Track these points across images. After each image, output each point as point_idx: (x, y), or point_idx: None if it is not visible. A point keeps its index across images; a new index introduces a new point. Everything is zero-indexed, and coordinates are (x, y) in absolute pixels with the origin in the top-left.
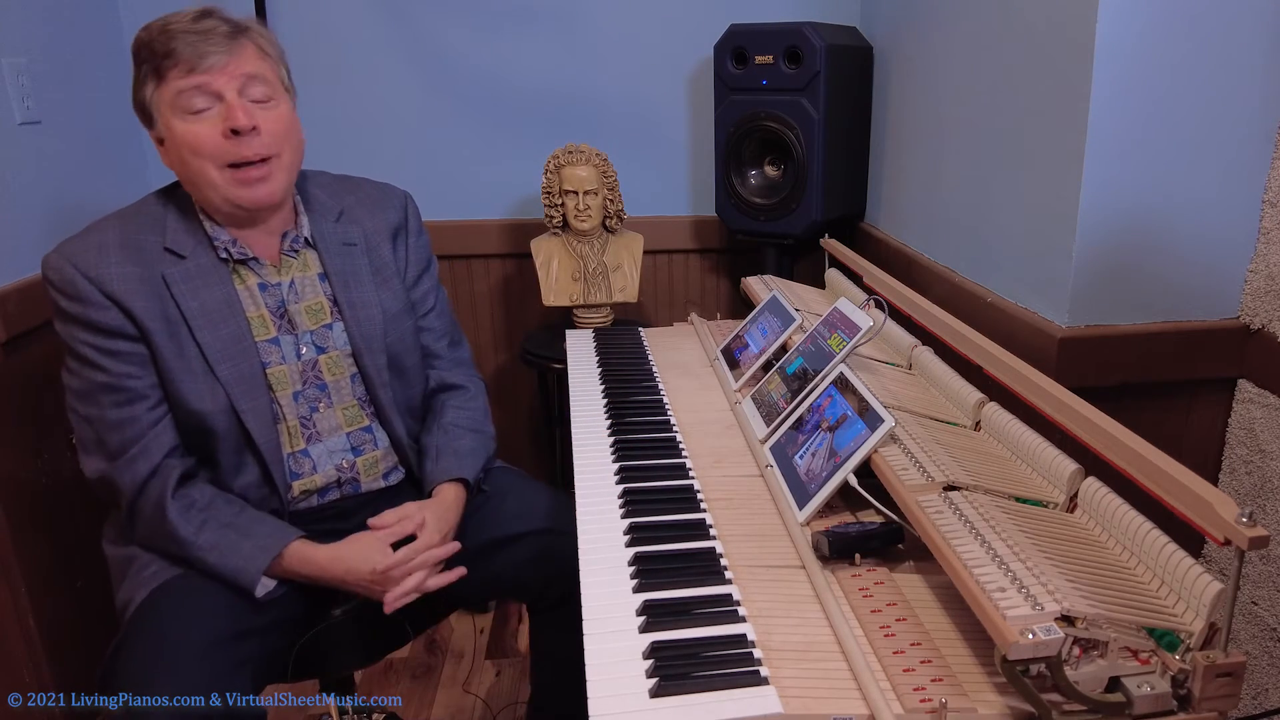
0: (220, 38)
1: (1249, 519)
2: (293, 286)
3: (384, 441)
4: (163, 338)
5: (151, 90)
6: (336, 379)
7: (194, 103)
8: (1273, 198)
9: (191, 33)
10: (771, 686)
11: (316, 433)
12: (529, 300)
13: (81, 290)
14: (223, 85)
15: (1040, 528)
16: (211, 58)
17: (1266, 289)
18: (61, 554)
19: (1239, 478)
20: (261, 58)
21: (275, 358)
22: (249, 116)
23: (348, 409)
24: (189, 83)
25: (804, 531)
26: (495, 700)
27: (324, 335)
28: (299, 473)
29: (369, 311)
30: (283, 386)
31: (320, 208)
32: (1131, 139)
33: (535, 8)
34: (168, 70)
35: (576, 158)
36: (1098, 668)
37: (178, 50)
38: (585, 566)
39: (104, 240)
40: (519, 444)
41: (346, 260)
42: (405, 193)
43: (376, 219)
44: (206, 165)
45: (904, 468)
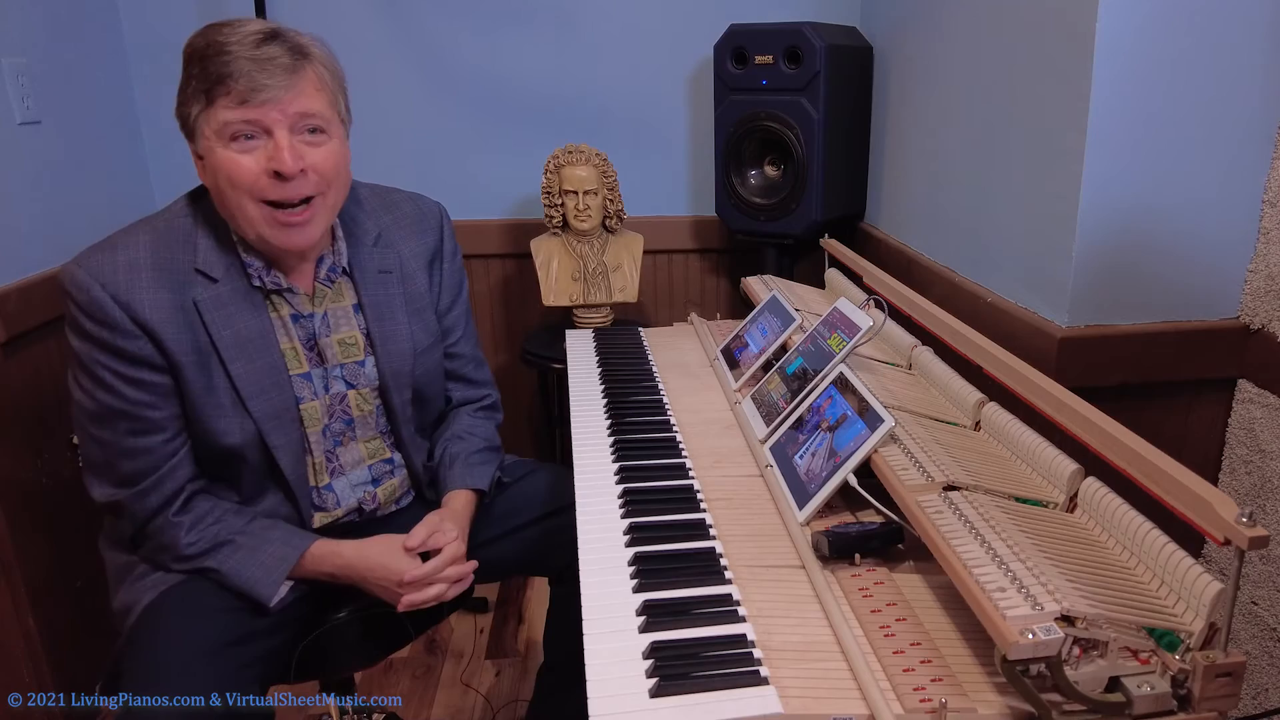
0: (279, 70)
1: (1249, 519)
2: (325, 319)
3: (401, 470)
4: (193, 371)
5: (198, 110)
6: (363, 414)
7: (240, 134)
8: (1273, 198)
9: (249, 60)
10: (771, 686)
11: (340, 466)
12: (529, 300)
13: (111, 316)
14: (274, 122)
15: (1040, 528)
16: (267, 92)
17: (1266, 289)
18: (61, 554)
19: (1239, 478)
20: (319, 90)
21: (308, 393)
22: (296, 161)
23: (370, 443)
24: (238, 115)
25: (804, 531)
26: (495, 700)
27: (354, 371)
28: (322, 506)
29: (400, 346)
30: (313, 423)
31: (358, 231)
32: (1131, 138)
33: (535, 7)
34: (218, 96)
35: (576, 158)
36: (1098, 668)
37: (232, 77)
38: (585, 566)
39: (134, 259)
40: (519, 444)
41: (381, 290)
42: (440, 208)
43: (413, 243)
44: (244, 199)
45: (904, 468)
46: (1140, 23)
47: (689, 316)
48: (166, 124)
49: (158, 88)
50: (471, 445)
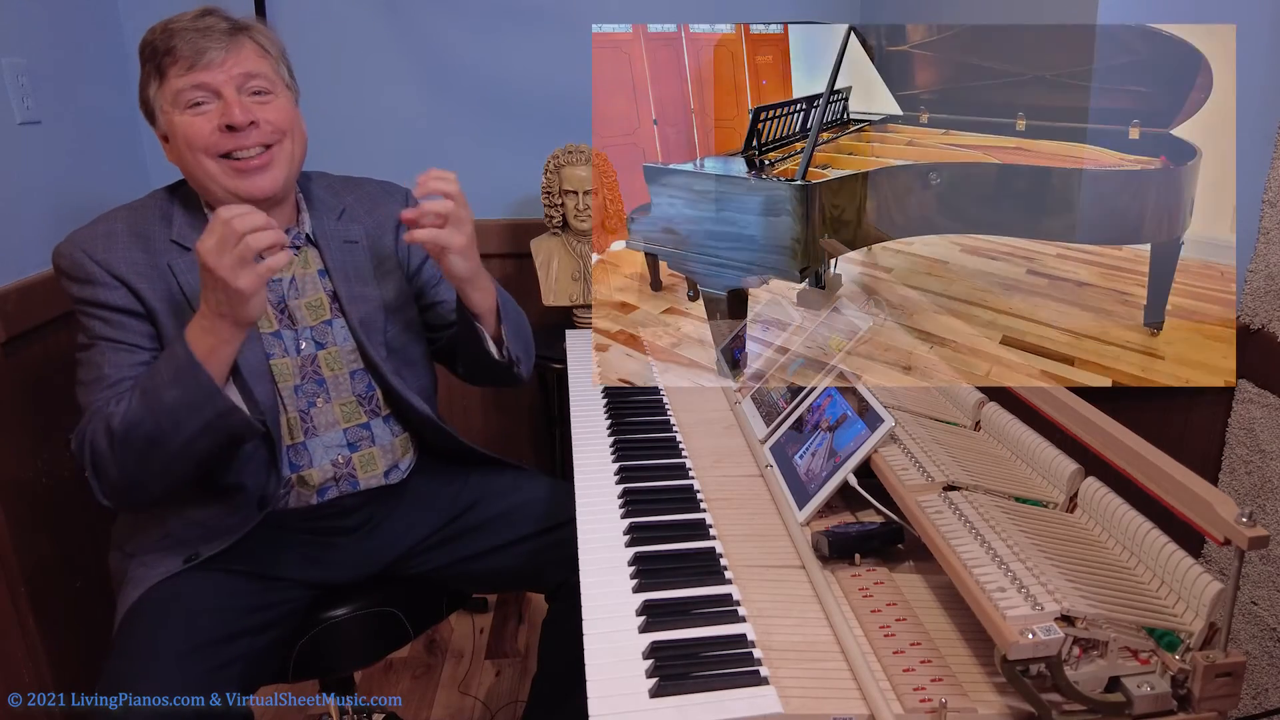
0: (219, 34)
1: (1249, 519)
2: (293, 283)
3: (385, 439)
4: (168, 319)
5: (155, 89)
6: (335, 374)
7: (193, 98)
8: (1273, 198)
9: (192, 30)
10: (771, 686)
11: (314, 427)
12: (529, 300)
13: (91, 272)
14: (221, 82)
15: (1040, 528)
16: (210, 54)
17: (1266, 289)
18: (61, 554)
19: (1239, 478)
20: (261, 56)
21: (278, 350)
22: (245, 113)
23: (345, 405)
24: (188, 80)
25: (804, 531)
26: (495, 700)
27: (323, 331)
28: (298, 464)
29: (369, 306)
30: (284, 379)
31: (321, 206)
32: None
33: (535, 8)
34: (168, 68)
35: (576, 157)
36: (1098, 668)
37: (178, 48)
38: (585, 566)
39: (112, 229)
40: (519, 444)
41: (347, 255)
42: (407, 189)
43: (378, 213)
44: (202, 157)
45: (904, 468)
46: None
47: None
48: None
49: None
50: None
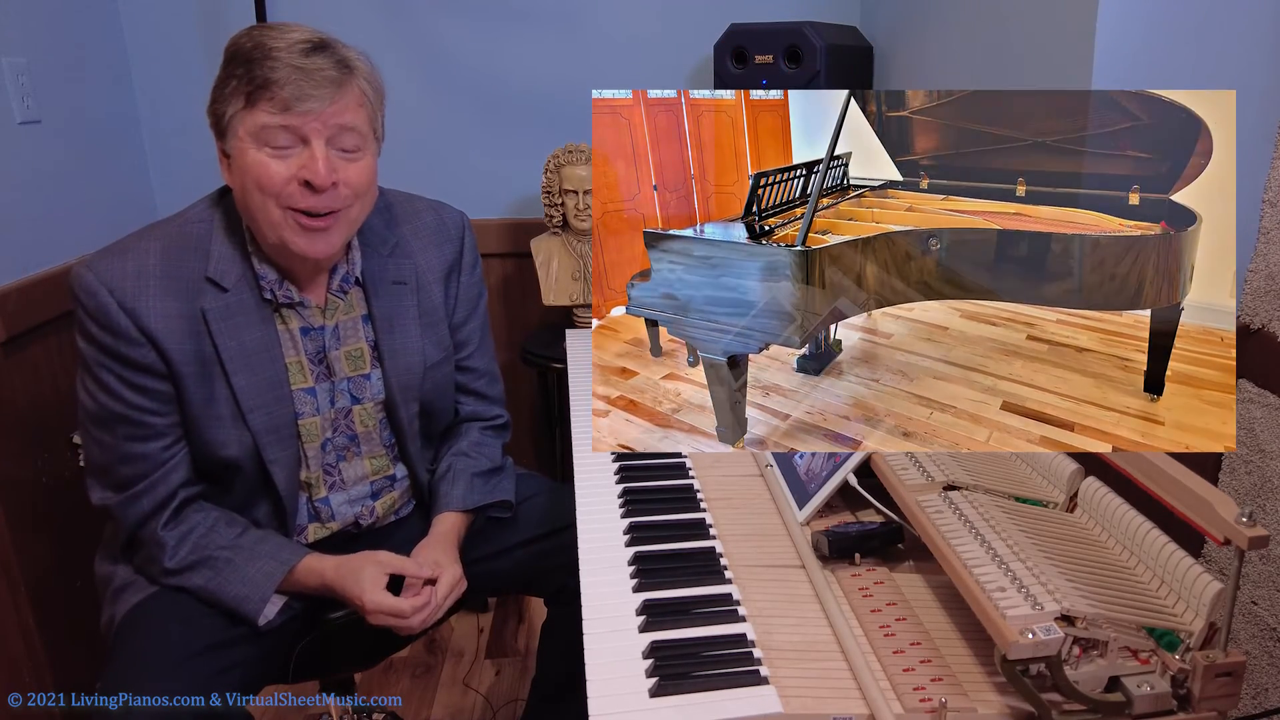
0: (325, 82)
1: (1249, 519)
2: (335, 331)
3: (404, 483)
4: (194, 380)
5: (235, 110)
6: (367, 430)
7: (277, 139)
8: (1273, 198)
9: (297, 69)
10: (771, 686)
11: (340, 481)
12: (529, 300)
13: (116, 323)
14: (312, 132)
15: (1040, 528)
16: (310, 102)
17: (1266, 289)
18: (61, 554)
19: (1239, 478)
20: (360, 106)
21: (309, 408)
22: (330, 173)
23: (375, 459)
24: (277, 121)
25: (804, 531)
26: (495, 699)
27: (361, 385)
28: (316, 518)
29: (409, 360)
30: (311, 438)
31: (374, 240)
32: None
33: (535, 7)
34: (260, 100)
35: (576, 157)
36: (1097, 667)
37: (277, 84)
38: (585, 566)
39: (144, 267)
40: (519, 444)
41: (394, 301)
42: (463, 218)
43: (431, 254)
44: (270, 204)
45: (904, 467)
46: (1140, 22)
47: None
48: (166, 124)
49: (158, 88)
50: (479, 465)
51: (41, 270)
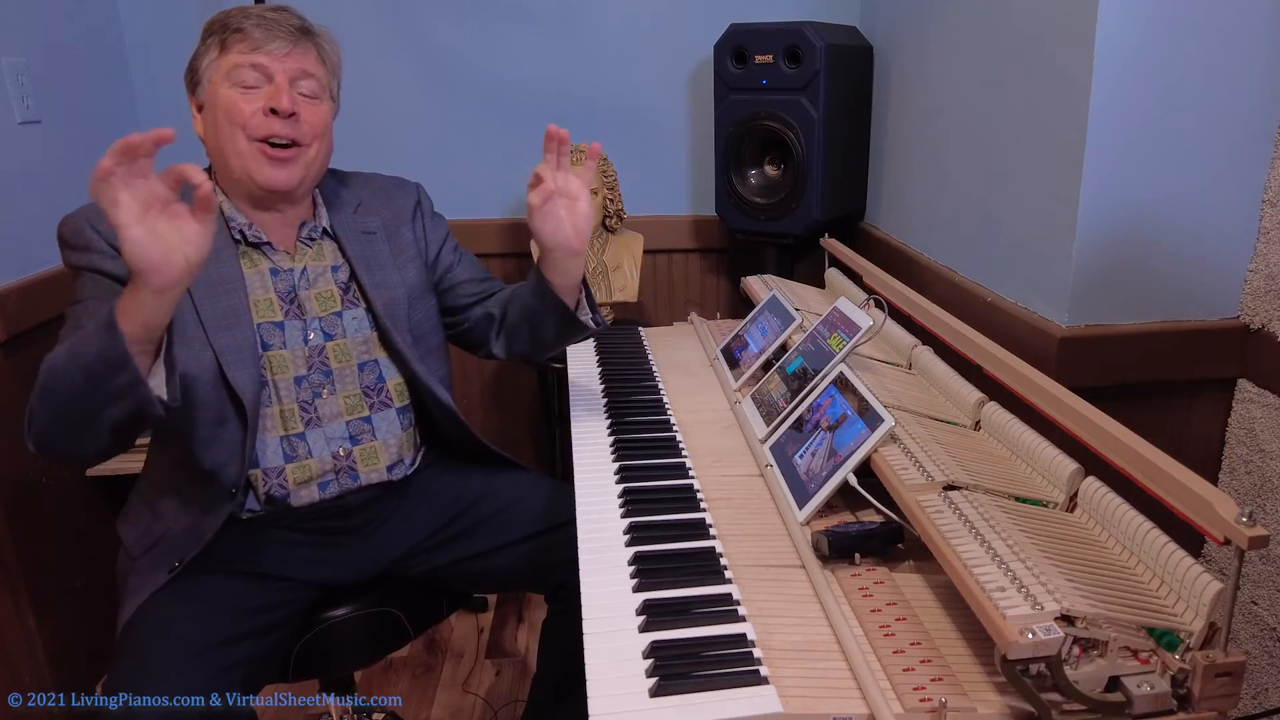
0: (290, 29)
1: (1249, 519)
2: (305, 273)
3: (388, 433)
4: None
5: (211, 59)
6: (342, 366)
7: (246, 77)
8: (1273, 197)
9: (265, 18)
10: (771, 686)
11: (316, 418)
12: None
13: (89, 239)
14: (277, 70)
15: (1040, 527)
16: (276, 43)
17: (1266, 289)
18: (61, 554)
19: (1239, 478)
20: (320, 62)
21: (277, 341)
22: (292, 103)
23: (349, 397)
24: (247, 59)
25: (804, 531)
26: (495, 699)
27: (333, 322)
28: (294, 456)
29: (393, 292)
30: (283, 370)
31: (338, 200)
32: (1131, 138)
33: (535, 7)
34: (233, 44)
35: (576, 157)
36: (1097, 667)
37: (248, 29)
38: (585, 566)
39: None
40: (519, 444)
41: (367, 247)
42: (417, 183)
43: (393, 205)
44: (238, 133)
45: (904, 467)
46: (1140, 22)
47: (689, 316)
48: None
49: (158, 88)
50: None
51: (41, 270)
